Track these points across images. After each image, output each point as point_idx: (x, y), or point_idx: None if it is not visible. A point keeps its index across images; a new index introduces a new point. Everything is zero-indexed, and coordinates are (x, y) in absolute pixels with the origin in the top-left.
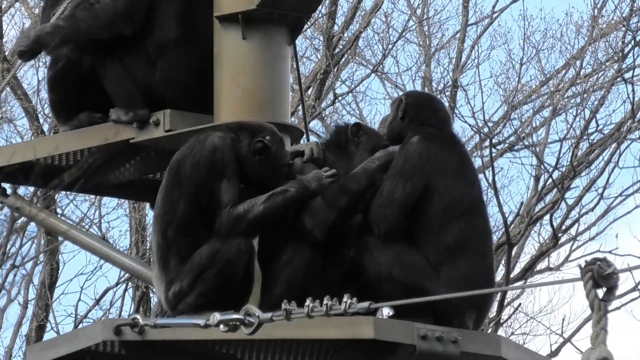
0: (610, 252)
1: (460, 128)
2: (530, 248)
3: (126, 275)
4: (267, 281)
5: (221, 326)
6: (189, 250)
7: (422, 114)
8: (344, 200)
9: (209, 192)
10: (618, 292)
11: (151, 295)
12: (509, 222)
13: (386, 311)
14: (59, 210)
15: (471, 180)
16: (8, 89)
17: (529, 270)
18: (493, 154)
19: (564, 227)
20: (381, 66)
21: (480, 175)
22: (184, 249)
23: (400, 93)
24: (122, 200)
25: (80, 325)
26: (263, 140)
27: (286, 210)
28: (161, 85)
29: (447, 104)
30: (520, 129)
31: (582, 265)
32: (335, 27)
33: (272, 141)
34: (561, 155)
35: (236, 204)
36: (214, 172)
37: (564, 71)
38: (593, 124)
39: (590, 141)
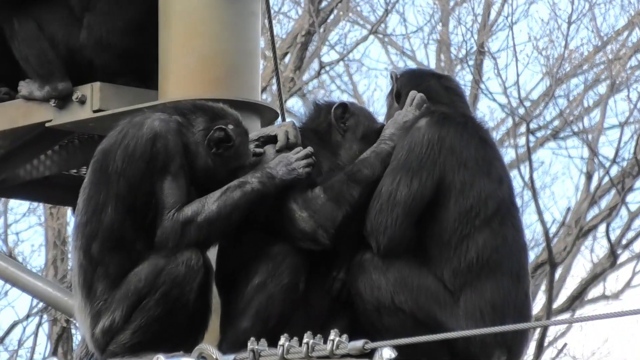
0: None
1: (486, 108)
2: (579, 269)
3: (40, 304)
4: (229, 311)
5: None
6: (121, 271)
7: (423, 85)
8: (356, 192)
9: (147, 193)
10: None
11: (73, 331)
12: (551, 235)
13: (387, 352)
14: None
15: (499, 177)
16: None
17: (577, 298)
18: (531, 144)
19: (624, 242)
20: (383, 26)
21: (513, 171)
22: (115, 269)
23: (408, 62)
24: (36, 204)
25: None
26: (225, 129)
27: (249, 210)
28: (88, 50)
29: (470, 77)
30: (567, 111)
31: None
32: None
33: (237, 133)
34: (621, 145)
35: (183, 206)
36: (154, 167)
37: (625, 33)
38: None
39: None
